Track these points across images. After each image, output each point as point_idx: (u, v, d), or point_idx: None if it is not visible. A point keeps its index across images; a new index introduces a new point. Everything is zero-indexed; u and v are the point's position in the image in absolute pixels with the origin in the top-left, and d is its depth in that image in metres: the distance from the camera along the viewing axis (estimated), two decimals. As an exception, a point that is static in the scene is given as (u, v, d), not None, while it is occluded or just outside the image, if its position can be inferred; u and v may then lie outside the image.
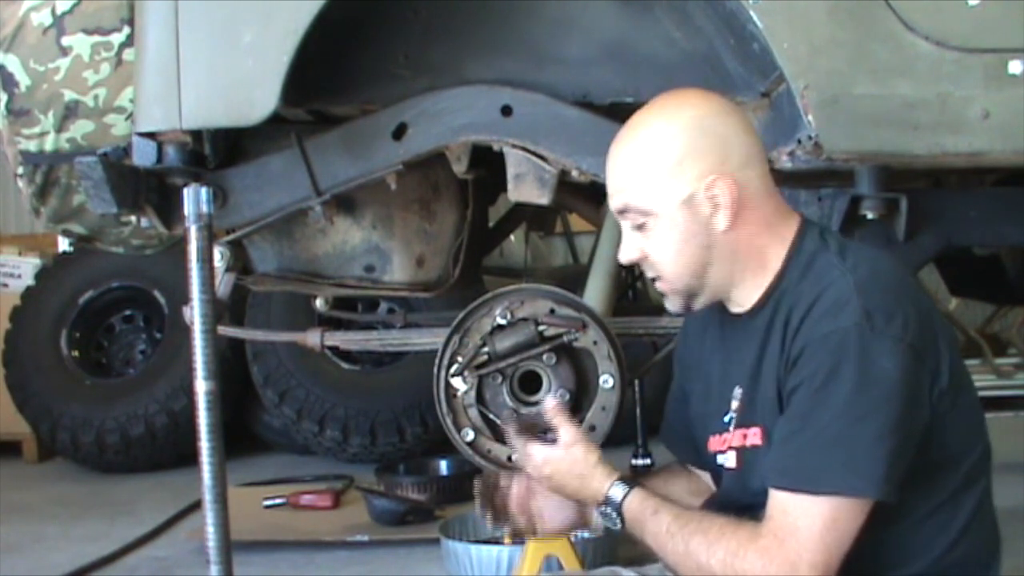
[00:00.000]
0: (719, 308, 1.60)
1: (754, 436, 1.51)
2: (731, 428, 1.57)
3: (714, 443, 1.61)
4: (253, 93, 2.05)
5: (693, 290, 1.54)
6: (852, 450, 1.38)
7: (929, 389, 1.42)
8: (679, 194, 1.49)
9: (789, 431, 1.42)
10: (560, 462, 1.61)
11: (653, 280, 1.57)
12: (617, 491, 1.55)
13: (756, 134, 1.56)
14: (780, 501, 1.40)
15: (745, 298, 1.54)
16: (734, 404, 1.56)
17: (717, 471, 1.62)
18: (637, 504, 1.52)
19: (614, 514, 1.54)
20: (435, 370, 2.16)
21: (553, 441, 1.63)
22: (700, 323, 1.68)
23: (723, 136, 1.50)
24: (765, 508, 1.43)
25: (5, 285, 5.28)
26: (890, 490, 1.38)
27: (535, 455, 1.63)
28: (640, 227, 1.53)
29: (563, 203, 2.65)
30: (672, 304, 1.57)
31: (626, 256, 1.57)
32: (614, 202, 1.55)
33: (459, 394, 2.16)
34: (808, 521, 1.37)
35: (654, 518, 1.50)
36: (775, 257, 1.52)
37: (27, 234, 6.06)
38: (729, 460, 1.57)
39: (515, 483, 1.75)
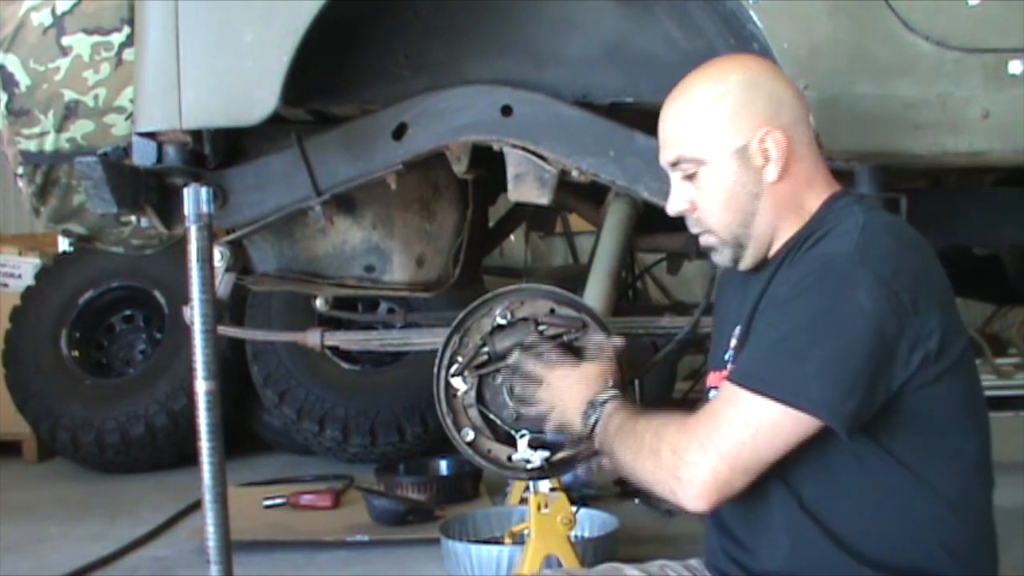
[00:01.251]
0: None
1: None
2: (728, 364, 1.61)
3: (711, 379, 1.66)
4: (253, 93, 2.05)
5: (740, 240, 1.59)
6: (800, 364, 1.40)
7: (911, 346, 1.42)
8: (732, 144, 1.55)
9: (756, 334, 1.48)
10: (577, 372, 1.81)
11: (698, 236, 1.63)
12: (605, 394, 1.68)
13: (805, 101, 1.63)
14: (721, 389, 1.47)
15: (777, 248, 1.60)
16: (733, 342, 1.61)
17: None
18: (618, 403, 1.64)
19: (592, 412, 1.65)
20: (435, 370, 2.16)
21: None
22: (730, 281, 1.74)
23: (776, 93, 1.57)
24: None
25: (5, 285, 5.28)
26: (829, 414, 1.39)
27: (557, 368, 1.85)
28: (691, 177, 1.59)
29: (563, 203, 2.65)
30: (721, 256, 1.62)
31: (674, 207, 1.62)
32: (667, 154, 1.61)
33: (459, 394, 2.15)
34: (733, 411, 1.42)
35: (621, 411, 1.61)
36: (810, 213, 1.57)
37: (27, 234, 6.07)
38: None
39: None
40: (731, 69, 1.60)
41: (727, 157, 1.56)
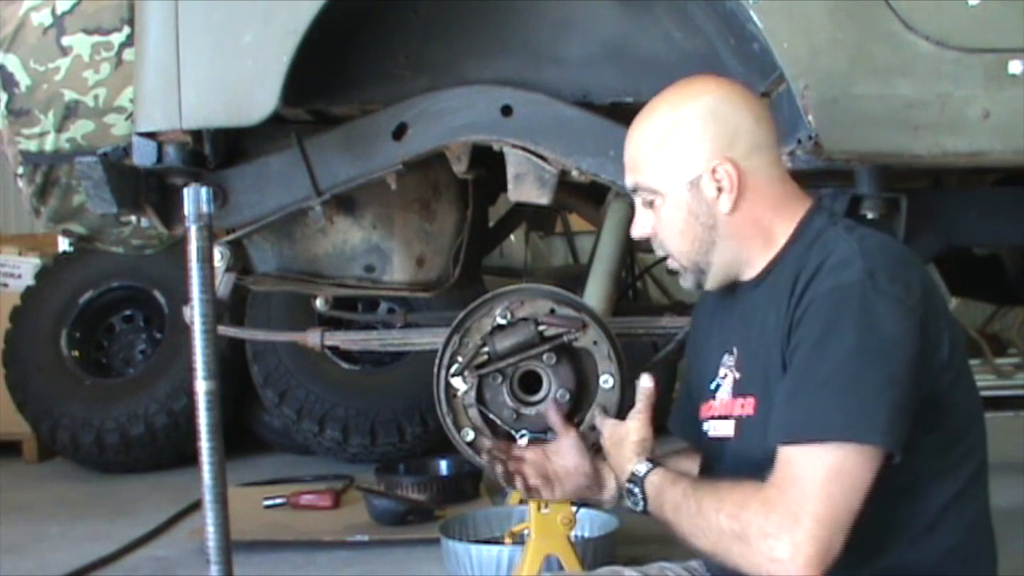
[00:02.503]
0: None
1: (748, 406, 1.53)
2: (717, 395, 1.60)
3: (703, 411, 1.64)
4: (253, 93, 2.05)
5: (700, 267, 1.59)
6: (854, 399, 1.37)
7: (931, 357, 1.42)
8: (685, 176, 1.55)
9: (792, 387, 1.43)
10: (613, 434, 1.74)
11: (664, 258, 1.64)
12: (642, 467, 1.62)
13: (770, 122, 1.60)
14: (785, 454, 1.39)
15: (752, 271, 1.58)
16: (721, 371, 1.60)
17: (704, 439, 1.64)
18: (659, 477, 1.58)
19: (637, 489, 1.60)
20: (435, 370, 2.16)
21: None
22: (705, 302, 1.74)
23: (732, 123, 1.54)
24: (759, 478, 1.44)
25: (5, 285, 5.28)
26: (893, 442, 1.37)
27: (606, 426, 1.78)
28: (649, 205, 1.60)
29: (563, 203, 2.65)
30: (685, 281, 1.63)
31: (638, 232, 1.64)
32: (627, 180, 1.63)
33: (459, 394, 2.15)
34: (811, 472, 1.36)
35: (672, 488, 1.53)
36: (782, 234, 1.56)
37: (27, 234, 6.08)
38: (724, 428, 1.58)
39: (530, 452, 1.85)
40: (689, 96, 1.58)
41: (681, 188, 1.55)
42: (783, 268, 1.53)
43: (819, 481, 1.35)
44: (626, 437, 1.70)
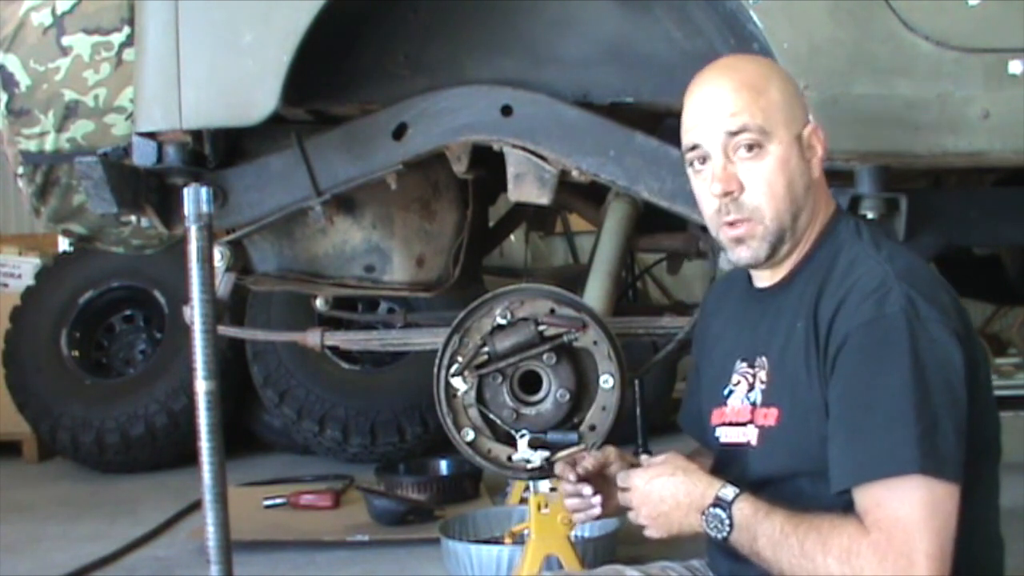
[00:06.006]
0: (742, 283, 1.61)
1: (771, 417, 1.50)
2: (729, 401, 1.57)
3: (714, 416, 1.61)
4: (253, 93, 2.06)
5: (784, 232, 1.50)
6: (922, 430, 1.34)
7: (974, 375, 1.41)
8: (796, 126, 1.51)
9: (853, 426, 1.39)
10: (662, 472, 1.53)
11: (735, 223, 1.51)
12: (728, 492, 1.46)
13: None
14: (870, 496, 1.35)
15: (777, 271, 1.55)
16: (735, 377, 1.57)
17: (714, 444, 1.61)
18: (749, 505, 1.43)
19: (724, 515, 1.44)
20: (435, 370, 2.16)
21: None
22: (718, 300, 1.71)
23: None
24: (781, 488, 1.44)
25: (5, 285, 5.29)
26: (956, 467, 1.35)
27: (637, 478, 1.55)
28: (752, 148, 1.48)
29: (563, 203, 2.65)
30: (750, 251, 1.52)
31: (725, 185, 1.49)
32: (729, 123, 1.49)
33: (459, 394, 2.16)
34: (908, 510, 1.33)
35: (767, 519, 1.41)
36: (815, 231, 1.53)
37: (27, 234, 6.07)
38: (738, 435, 1.56)
39: (591, 457, 1.69)
40: (762, 58, 1.56)
41: (791, 139, 1.49)
42: (808, 276, 1.50)
43: (920, 519, 1.32)
44: (687, 464, 1.52)
